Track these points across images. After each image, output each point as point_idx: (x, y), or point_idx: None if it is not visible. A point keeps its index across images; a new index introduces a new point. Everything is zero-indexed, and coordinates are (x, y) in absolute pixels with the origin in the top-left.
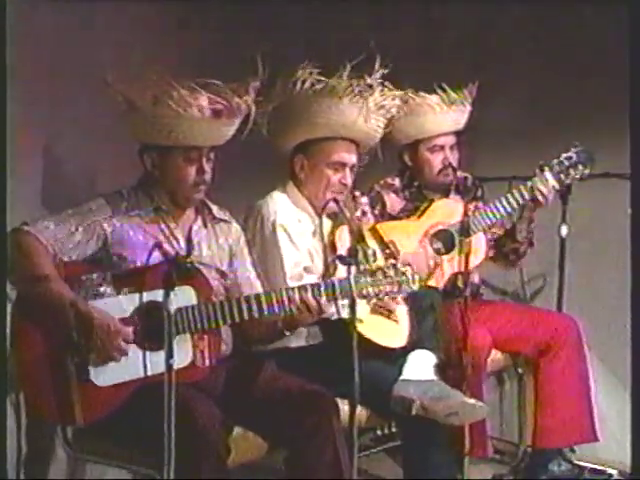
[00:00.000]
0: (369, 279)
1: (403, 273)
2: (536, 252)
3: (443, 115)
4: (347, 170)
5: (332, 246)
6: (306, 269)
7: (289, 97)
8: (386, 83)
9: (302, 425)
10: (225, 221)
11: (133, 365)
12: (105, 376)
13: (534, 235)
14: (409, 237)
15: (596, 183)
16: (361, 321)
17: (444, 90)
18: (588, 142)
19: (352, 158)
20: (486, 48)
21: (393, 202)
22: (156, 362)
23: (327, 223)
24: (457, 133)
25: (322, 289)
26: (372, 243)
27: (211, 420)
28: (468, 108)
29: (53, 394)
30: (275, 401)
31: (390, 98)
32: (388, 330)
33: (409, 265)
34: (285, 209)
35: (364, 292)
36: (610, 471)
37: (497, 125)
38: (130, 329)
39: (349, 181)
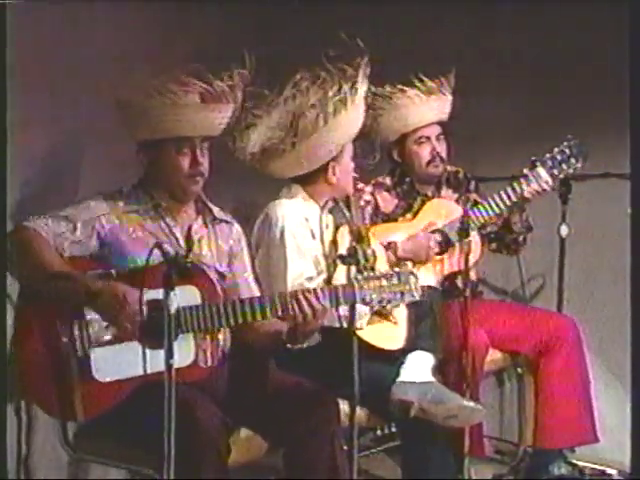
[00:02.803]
0: (372, 285)
1: (406, 281)
2: (536, 252)
3: (424, 105)
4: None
5: (334, 245)
6: (310, 279)
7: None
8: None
9: (302, 423)
10: (226, 222)
11: (135, 362)
12: (107, 372)
13: (530, 222)
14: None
15: (596, 183)
16: (361, 328)
17: (421, 80)
18: (588, 142)
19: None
20: (486, 47)
21: (386, 201)
22: (157, 360)
23: (330, 220)
24: (442, 124)
25: (326, 293)
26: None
27: (212, 420)
28: (449, 97)
29: (54, 389)
30: (275, 400)
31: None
32: (387, 332)
33: (412, 273)
34: (293, 213)
35: (367, 299)
36: (610, 471)
37: (497, 125)
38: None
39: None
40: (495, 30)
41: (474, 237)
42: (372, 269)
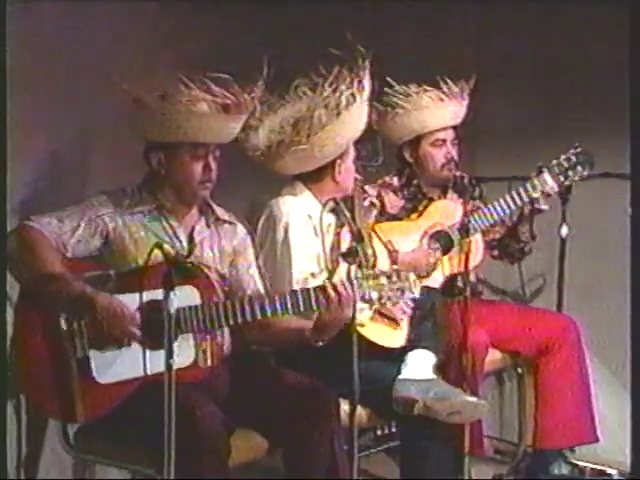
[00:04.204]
0: (372, 283)
1: (406, 278)
2: (536, 252)
3: (445, 108)
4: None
5: (336, 244)
6: (313, 275)
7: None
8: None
9: (302, 423)
10: (230, 223)
11: (135, 363)
12: (107, 373)
13: (534, 232)
14: (407, 238)
15: (596, 183)
16: (362, 325)
17: (445, 82)
18: (588, 142)
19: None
20: (486, 48)
21: (392, 201)
22: (157, 361)
23: (331, 219)
24: (455, 128)
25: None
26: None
27: (212, 420)
28: (467, 101)
29: (54, 391)
30: (275, 400)
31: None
32: (388, 330)
33: (411, 266)
34: (297, 210)
35: (366, 297)
36: (610, 471)
37: (497, 125)
38: (138, 316)
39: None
40: (495, 31)
41: (476, 240)
42: (372, 267)
